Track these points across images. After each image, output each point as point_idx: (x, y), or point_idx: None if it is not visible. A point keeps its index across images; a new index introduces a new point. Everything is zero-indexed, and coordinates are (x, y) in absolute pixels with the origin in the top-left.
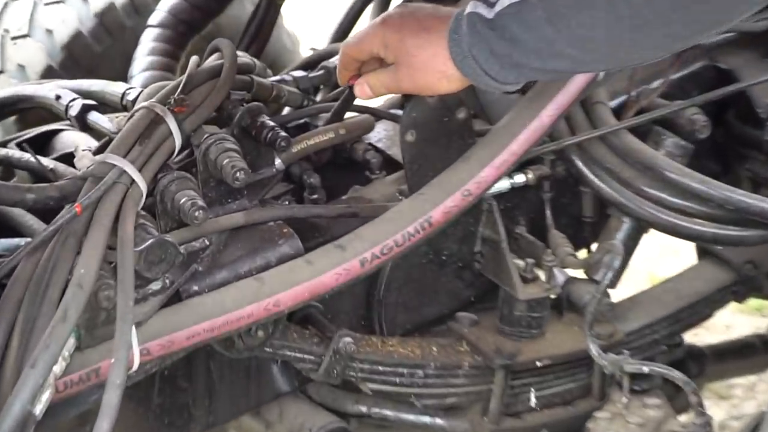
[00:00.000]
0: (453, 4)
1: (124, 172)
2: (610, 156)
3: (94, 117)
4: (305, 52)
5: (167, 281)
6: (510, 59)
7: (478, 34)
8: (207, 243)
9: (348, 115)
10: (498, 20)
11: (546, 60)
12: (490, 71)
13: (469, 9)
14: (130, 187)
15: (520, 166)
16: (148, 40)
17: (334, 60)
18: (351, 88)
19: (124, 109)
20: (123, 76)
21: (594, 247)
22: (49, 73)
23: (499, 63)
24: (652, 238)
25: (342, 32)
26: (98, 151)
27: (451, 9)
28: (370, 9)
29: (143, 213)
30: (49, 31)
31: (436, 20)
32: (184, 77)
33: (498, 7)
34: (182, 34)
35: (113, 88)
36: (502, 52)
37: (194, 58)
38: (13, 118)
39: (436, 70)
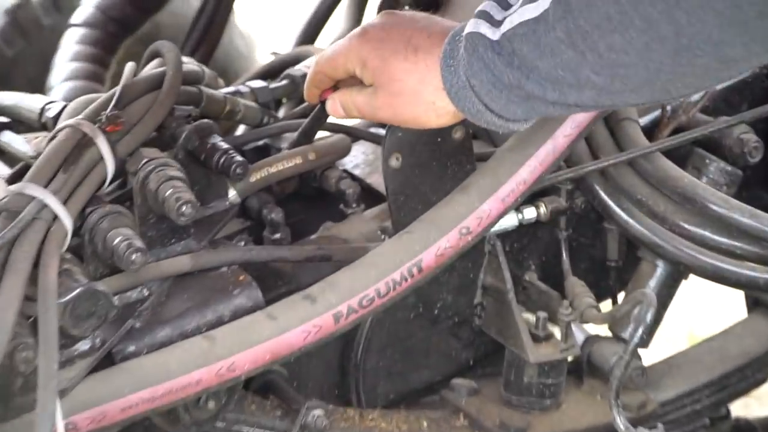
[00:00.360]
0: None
1: (45, 205)
2: (641, 185)
3: (7, 137)
4: (264, 58)
5: (98, 340)
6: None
7: (480, 60)
8: (146, 293)
9: (319, 135)
10: (505, 43)
11: (565, 91)
12: (493, 105)
13: (469, 28)
14: (53, 224)
15: (531, 198)
16: (71, 43)
17: (301, 67)
18: (323, 103)
19: (44, 128)
20: (40, 86)
21: (621, 297)
22: None
23: (504, 95)
24: (691, 286)
25: (310, 32)
26: (13, 179)
27: (447, 24)
28: (345, 3)
29: (68, 256)
30: None
31: (427, 39)
32: (117, 89)
33: (505, 27)
34: (113, 36)
35: (29, 102)
36: (510, 82)
37: (130, 65)
38: None
39: (422, 101)
